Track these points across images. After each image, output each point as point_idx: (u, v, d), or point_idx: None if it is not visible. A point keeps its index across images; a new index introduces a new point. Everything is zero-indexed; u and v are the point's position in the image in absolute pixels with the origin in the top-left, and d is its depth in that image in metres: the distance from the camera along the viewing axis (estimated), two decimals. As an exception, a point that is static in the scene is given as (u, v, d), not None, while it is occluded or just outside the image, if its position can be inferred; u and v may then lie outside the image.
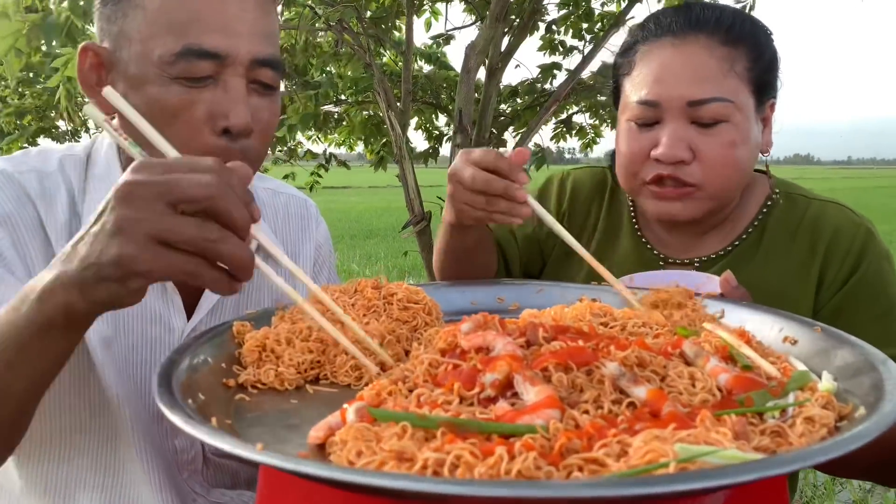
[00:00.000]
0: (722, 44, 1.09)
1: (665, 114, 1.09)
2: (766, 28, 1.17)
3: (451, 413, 0.59)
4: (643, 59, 1.13)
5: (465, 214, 1.07)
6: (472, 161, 1.02)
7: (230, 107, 0.90)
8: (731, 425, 0.57)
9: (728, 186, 1.11)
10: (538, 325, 0.70)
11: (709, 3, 1.17)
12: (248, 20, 0.91)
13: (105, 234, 0.63)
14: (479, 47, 2.89)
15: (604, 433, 0.55)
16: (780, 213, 1.18)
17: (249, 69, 0.92)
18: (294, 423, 0.70)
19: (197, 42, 0.88)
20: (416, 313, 0.92)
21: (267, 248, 0.78)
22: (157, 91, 0.89)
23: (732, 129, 1.07)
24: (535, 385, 0.61)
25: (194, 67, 0.88)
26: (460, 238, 1.21)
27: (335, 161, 4.63)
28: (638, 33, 1.18)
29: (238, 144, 0.92)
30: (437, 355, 0.69)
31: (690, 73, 1.08)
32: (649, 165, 1.11)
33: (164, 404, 0.61)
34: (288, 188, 1.26)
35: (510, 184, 1.00)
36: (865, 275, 1.09)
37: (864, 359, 0.71)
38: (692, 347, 0.70)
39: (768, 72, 1.13)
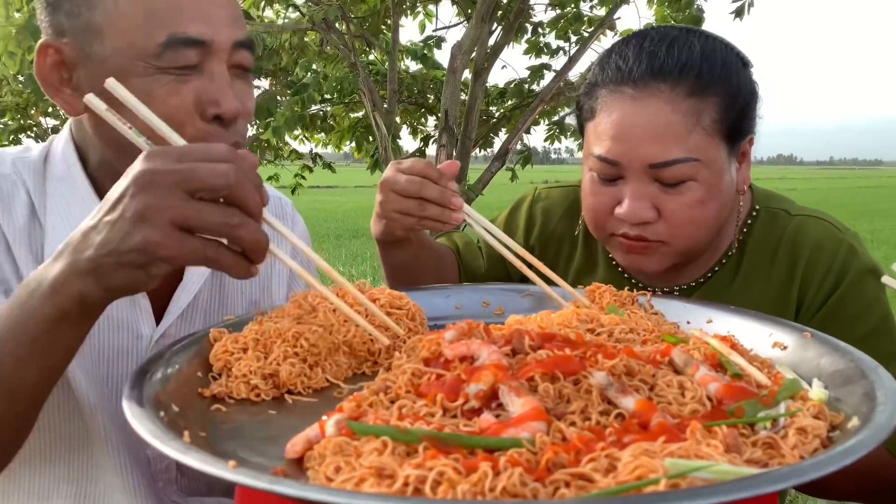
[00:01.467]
0: (687, 95, 0.98)
1: (626, 172, 1.01)
2: (741, 60, 1.06)
3: (433, 426, 0.56)
4: (603, 108, 1.03)
5: (396, 223, 1.06)
6: (402, 170, 1.03)
7: (219, 94, 0.88)
8: (723, 437, 0.55)
9: (696, 242, 1.05)
10: (524, 333, 0.68)
11: (677, 40, 1.02)
12: (223, 5, 0.90)
13: (126, 221, 0.64)
14: (465, 47, 2.88)
15: (592, 447, 0.53)
16: (760, 232, 1.12)
17: (230, 54, 0.90)
18: (272, 434, 0.68)
19: (182, 31, 0.85)
20: (399, 319, 0.90)
21: (277, 228, 0.77)
22: (144, 83, 0.86)
23: (698, 188, 0.99)
24: (521, 396, 0.59)
25: (181, 56, 0.86)
26: (390, 254, 1.19)
27: (320, 162, 4.60)
28: (598, 74, 1.07)
29: (231, 130, 0.91)
30: (420, 365, 0.66)
31: (651, 132, 0.98)
32: (614, 221, 1.05)
33: (133, 417, 0.58)
34: None
35: (444, 189, 1.01)
36: (846, 294, 1.03)
37: (855, 366, 0.70)
38: (681, 355, 0.69)
39: (743, 116, 1.03)
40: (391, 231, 1.11)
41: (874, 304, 1.03)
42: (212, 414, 0.72)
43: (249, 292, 1.11)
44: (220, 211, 0.64)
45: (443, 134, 2.96)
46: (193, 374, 0.78)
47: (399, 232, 1.11)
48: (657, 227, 1.02)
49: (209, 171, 0.64)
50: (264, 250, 0.67)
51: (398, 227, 1.08)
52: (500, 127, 3.82)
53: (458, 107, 2.97)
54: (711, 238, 1.07)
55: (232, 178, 0.64)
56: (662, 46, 1.01)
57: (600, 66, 1.07)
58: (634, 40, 1.06)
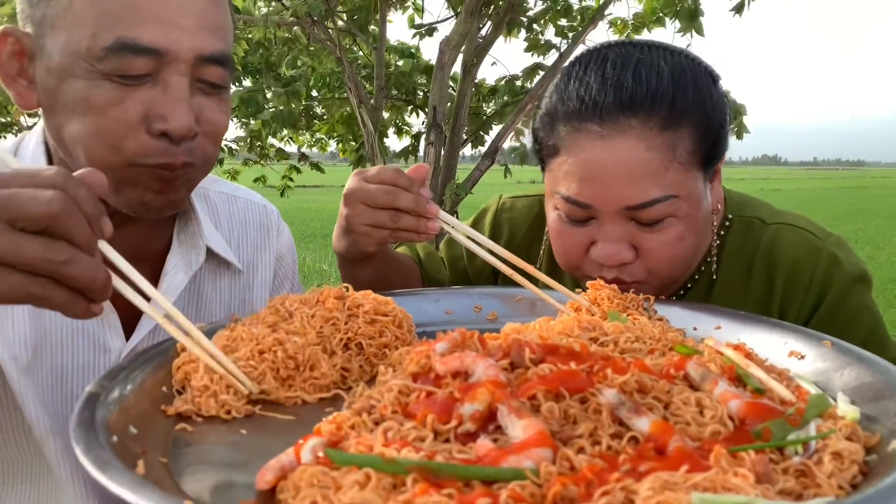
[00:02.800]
0: (661, 129, 0.89)
1: (599, 214, 0.93)
2: (711, 77, 0.97)
3: (423, 453, 0.49)
4: (568, 146, 0.93)
5: (367, 238, 0.96)
6: (369, 179, 0.93)
7: (169, 108, 0.79)
8: (752, 465, 0.49)
9: (673, 276, 0.98)
10: (524, 345, 0.61)
11: (643, 63, 0.92)
12: (192, 11, 0.80)
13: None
14: (453, 42, 2.81)
15: (604, 478, 0.46)
16: (734, 243, 1.04)
17: (195, 67, 0.81)
18: (242, 459, 0.60)
19: (132, 35, 0.77)
20: (385, 327, 0.83)
21: (117, 265, 0.65)
22: (84, 87, 0.78)
23: (678, 223, 0.92)
24: (523, 418, 0.52)
25: (128, 64, 0.77)
26: (354, 271, 1.08)
27: (308, 163, 4.52)
28: (558, 104, 0.95)
29: (182, 147, 0.82)
30: (408, 381, 0.59)
31: (625, 173, 0.89)
32: (589, 264, 0.97)
33: (78, 443, 0.51)
34: (246, 192, 1.15)
35: (419, 197, 0.92)
36: (832, 307, 0.97)
37: (885, 379, 0.64)
38: (698, 369, 0.62)
39: (718, 140, 0.95)
40: (360, 247, 1.00)
41: (863, 313, 0.97)
42: (176, 435, 0.64)
43: (228, 302, 1.05)
44: (42, 245, 0.55)
45: (431, 131, 2.89)
46: (157, 390, 0.70)
47: (370, 247, 0.99)
48: (634, 267, 0.94)
49: (29, 198, 0.54)
50: (102, 288, 0.57)
51: (369, 241, 0.97)
52: (491, 124, 3.77)
53: (447, 103, 2.90)
54: (689, 268, 1.00)
55: (56, 206, 0.54)
56: (628, 72, 0.91)
57: (558, 95, 0.96)
58: (594, 64, 0.95)
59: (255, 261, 1.10)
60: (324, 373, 0.75)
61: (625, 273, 0.94)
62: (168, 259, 0.97)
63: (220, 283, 1.04)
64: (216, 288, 1.04)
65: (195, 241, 0.99)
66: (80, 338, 0.90)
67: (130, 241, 0.94)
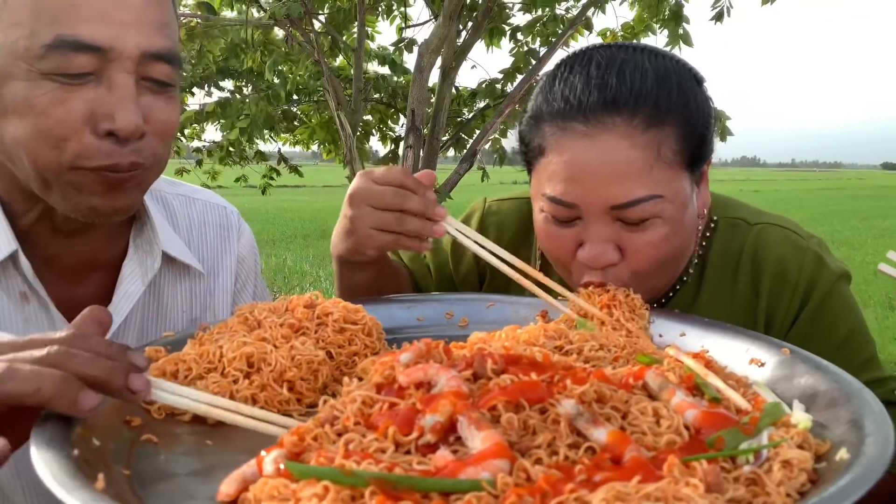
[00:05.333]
0: (645, 127, 0.89)
1: (585, 214, 0.92)
2: (695, 78, 0.97)
3: (383, 465, 0.50)
4: (553, 146, 0.93)
5: (371, 241, 0.95)
6: (377, 180, 0.92)
7: (115, 107, 0.78)
8: (703, 475, 0.50)
9: (658, 279, 0.98)
10: (487, 356, 0.62)
11: (627, 64, 0.93)
12: (134, 7, 0.78)
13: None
14: (432, 46, 2.81)
15: (559, 489, 0.47)
16: (720, 245, 1.05)
17: (140, 64, 0.79)
18: (205, 469, 0.61)
19: (72, 32, 0.75)
20: (354, 335, 0.83)
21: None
22: (24, 88, 0.76)
23: (663, 224, 0.91)
24: (482, 430, 0.53)
25: (69, 62, 0.75)
26: (352, 276, 1.07)
27: (286, 165, 4.50)
28: (543, 105, 0.96)
29: (128, 147, 0.80)
30: (372, 391, 0.60)
31: (610, 171, 0.89)
32: (577, 266, 0.96)
33: (37, 459, 0.51)
34: (205, 193, 1.13)
35: (427, 200, 0.92)
36: (819, 307, 0.98)
37: (839, 388, 0.66)
38: (656, 378, 0.63)
39: (703, 141, 0.95)
40: (363, 250, 0.98)
41: (846, 312, 0.99)
42: (140, 446, 0.64)
43: (190, 307, 1.04)
44: None
45: (409, 134, 2.90)
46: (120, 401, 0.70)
47: (371, 251, 0.98)
48: (619, 270, 0.94)
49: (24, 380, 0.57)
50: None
51: (372, 244, 0.96)
52: (472, 127, 3.78)
53: (426, 106, 2.91)
54: (676, 270, 1.01)
55: (49, 390, 0.57)
56: (612, 72, 0.91)
57: (543, 96, 0.96)
58: (579, 65, 0.95)
59: (216, 264, 1.09)
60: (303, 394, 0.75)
61: (609, 276, 0.94)
62: (124, 266, 0.95)
63: (180, 287, 1.03)
64: (177, 293, 1.03)
65: (150, 247, 0.97)
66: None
67: (86, 248, 0.93)
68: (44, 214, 0.88)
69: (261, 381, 0.72)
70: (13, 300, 0.88)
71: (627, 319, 0.90)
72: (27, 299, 0.88)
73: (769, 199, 23.91)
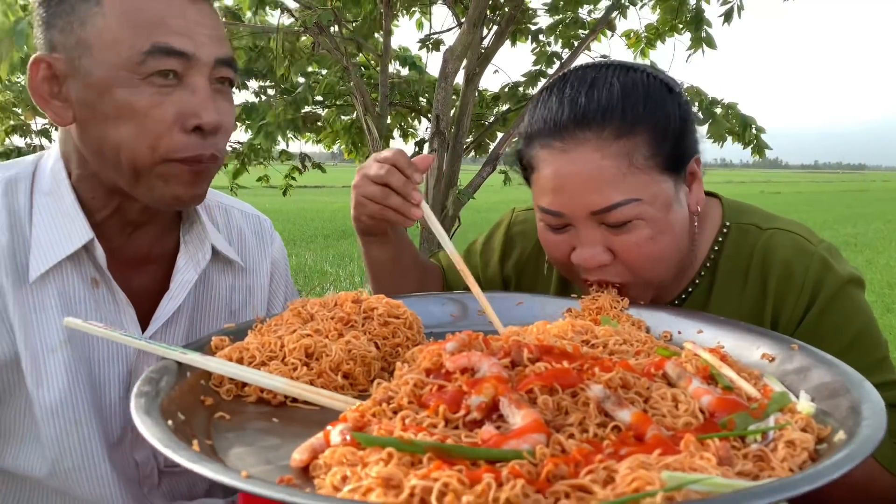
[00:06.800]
0: (615, 138, 0.97)
1: (572, 221, 1.01)
2: (667, 86, 1.04)
3: (436, 436, 0.58)
4: (539, 162, 1.03)
5: (361, 208, 1.11)
6: (377, 158, 1.09)
7: (199, 106, 0.92)
8: (715, 450, 0.57)
9: (658, 274, 1.04)
10: (523, 346, 0.70)
11: (596, 83, 1.01)
12: (207, 25, 0.94)
13: None
14: (457, 52, 2.89)
15: (590, 459, 0.55)
16: (731, 249, 1.11)
17: (213, 69, 0.94)
18: (275, 443, 0.69)
19: (164, 40, 0.90)
20: (397, 328, 0.92)
21: None
22: (127, 93, 0.90)
23: (645, 225, 0.99)
24: (521, 408, 0.60)
25: (163, 63, 0.90)
26: (370, 248, 1.22)
27: (310, 163, 4.60)
28: (530, 125, 1.06)
29: (209, 141, 0.94)
30: (422, 375, 0.68)
31: (585, 181, 0.98)
32: (575, 269, 1.05)
33: (143, 426, 0.60)
34: (240, 205, 1.25)
35: (408, 181, 1.06)
36: (824, 308, 1.02)
37: (841, 379, 0.72)
38: (675, 368, 0.71)
39: (679, 144, 1.02)
40: (358, 216, 1.14)
41: (854, 315, 1.02)
42: (216, 422, 0.73)
43: (230, 299, 1.15)
44: None
45: (434, 138, 2.98)
46: (196, 383, 0.79)
47: (364, 217, 1.13)
48: (616, 267, 1.02)
49: None
50: None
51: (363, 211, 1.11)
52: (494, 130, 3.85)
53: (450, 111, 2.99)
54: (676, 264, 1.07)
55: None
56: (582, 91, 1.01)
57: (530, 118, 1.07)
58: (557, 87, 1.05)
59: (254, 266, 1.20)
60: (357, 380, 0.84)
61: (608, 274, 1.03)
62: (178, 258, 1.07)
63: (224, 280, 1.14)
64: (221, 285, 1.14)
65: (201, 242, 1.09)
66: None
67: (142, 244, 1.05)
68: (116, 210, 1.01)
69: (318, 368, 0.81)
70: (86, 284, 0.99)
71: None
72: (97, 285, 1.00)
73: (791, 202, 23.69)
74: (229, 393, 0.80)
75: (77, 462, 0.97)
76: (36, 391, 0.95)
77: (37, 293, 0.96)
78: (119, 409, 1.02)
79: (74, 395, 0.96)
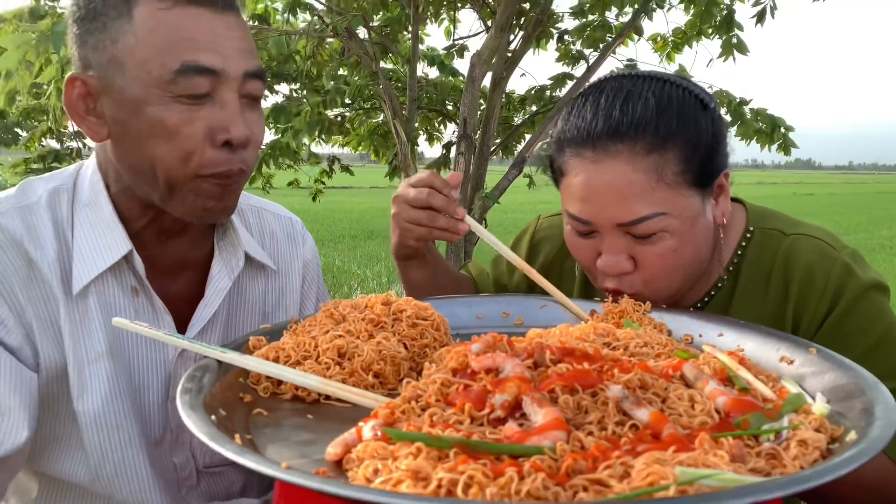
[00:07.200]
0: (647, 153, 0.99)
1: (599, 229, 1.05)
2: (701, 103, 1.05)
3: (462, 433, 0.62)
4: (570, 168, 1.05)
5: (408, 233, 1.15)
6: (412, 183, 1.12)
7: (230, 121, 0.94)
8: (729, 448, 0.60)
9: (672, 285, 1.07)
10: (545, 348, 0.73)
11: (632, 95, 1.03)
12: (234, 38, 0.95)
13: None
14: (484, 56, 2.93)
15: (608, 455, 0.58)
16: (754, 254, 1.13)
17: (242, 83, 0.96)
18: (310, 438, 0.73)
19: (193, 58, 0.92)
20: (425, 330, 0.95)
21: None
22: (159, 111, 0.92)
23: (670, 237, 1.01)
24: (543, 407, 0.64)
25: (193, 83, 0.92)
26: (407, 271, 1.25)
27: (339, 165, 4.66)
28: (563, 131, 1.08)
29: (238, 156, 0.97)
30: (449, 375, 0.72)
31: (615, 193, 1.00)
32: (599, 272, 1.08)
33: (189, 420, 0.64)
34: (272, 206, 1.28)
35: (449, 200, 1.10)
36: (845, 313, 1.03)
37: (856, 382, 0.74)
38: (692, 370, 0.73)
39: (709, 161, 1.03)
40: (403, 241, 1.18)
41: (876, 320, 1.03)
42: (254, 418, 0.78)
43: (263, 302, 1.18)
44: None
45: (461, 142, 3.02)
46: (235, 381, 0.83)
47: (411, 242, 1.17)
48: (633, 278, 1.05)
49: None
50: None
51: (410, 237, 1.16)
52: (522, 132, 3.88)
53: (477, 115, 3.02)
54: (693, 275, 1.09)
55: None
56: (617, 104, 1.02)
57: (563, 122, 1.09)
58: (592, 96, 1.07)
59: (286, 268, 1.22)
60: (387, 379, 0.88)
61: (624, 284, 1.06)
62: (213, 266, 1.10)
63: (257, 284, 1.17)
64: (254, 289, 1.17)
65: (235, 249, 1.12)
66: (142, 338, 1.03)
67: (177, 251, 1.08)
68: (152, 221, 1.04)
69: (350, 367, 0.85)
70: (126, 294, 1.02)
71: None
72: (137, 294, 1.03)
73: (824, 203, 23.26)
74: (266, 391, 0.84)
75: (118, 467, 1.01)
76: (78, 401, 0.98)
77: (80, 304, 0.98)
78: (158, 414, 1.05)
79: (115, 402, 1.00)
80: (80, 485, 1.02)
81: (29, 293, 0.96)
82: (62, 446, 1.02)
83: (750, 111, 3.86)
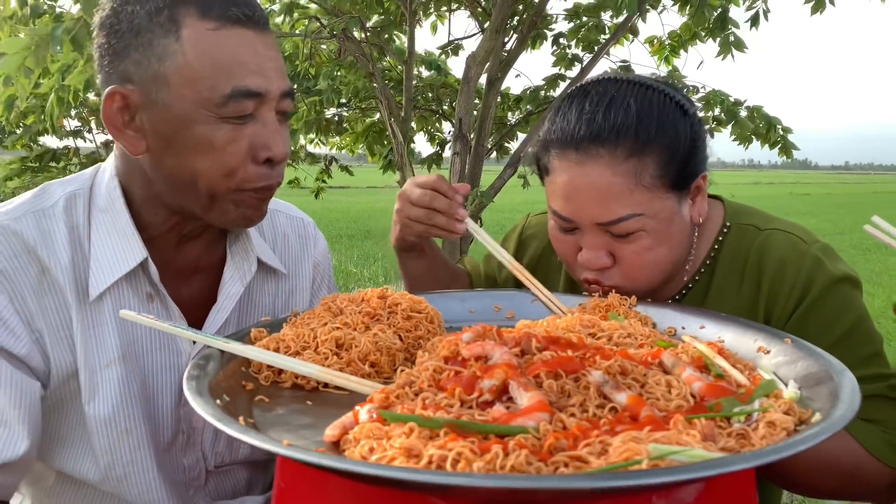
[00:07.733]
0: (626, 157, 1.04)
1: (580, 226, 1.10)
2: (681, 109, 1.09)
3: (452, 415, 0.66)
4: (554, 168, 1.11)
5: (408, 229, 1.22)
6: (418, 183, 1.19)
7: (271, 139, 0.98)
8: (701, 428, 0.64)
9: (650, 280, 1.12)
10: (532, 336, 0.77)
11: (614, 101, 1.07)
12: (273, 58, 0.98)
13: None
14: (479, 58, 2.97)
15: (588, 434, 0.62)
16: (729, 248, 1.17)
17: (278, 102, 0.99)
18: (309, 422, 0.77)
19: (243, 83, 0.94)
20: (420, 322, 1.00)
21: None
22: (207, 130, 0.94)
23: (647, 236, 1.07)
24: (528, 391, 0.68)
25: (242, 107, 0.95)
26: (406, 262, 1.33)
27: (337, 165, 4.70)
28: (549, 132, 1.13)
29: (276, 171, 1.01)
30: (441, 362, 0.76)
31: (595, 194, 1.05)
32: (578, 266, 1.14)
33: (196, 404, 0.68)
34: (285, 207, 1.30)
35: (452, 202, 1.17)
36: (813, 305, 1.07)
37: (825, 369, 0.79)
38: (670, 358, 0.78)
39: (686, 165, 1.08)
40: (403, 235, 1.26)
41: (844, 311, 1.07)
42: (256, 404, 0.82)
43: (273, 304, 1.21)
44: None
45: (457, 141, 3.06)
46: (237, 370, 0.87)
47: (410, 237, 1.25)
48: (612, 273, 1.11)
49: None
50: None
51: (410, 232, 1.23)
52: (516, 132, 3.93)
53: (472, 115, 3.07)
54: (670, 271, 1.14)
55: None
56: (600, 109, 1.07)
57: (550, 124, 1.14)
58: (577, 99, 1.11)
59: (297, 268, 1.25)
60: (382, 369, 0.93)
61: (604, 277, 1.12)
62: (225, 271, 1.12)
63: (267, 287, 1.20)
64: (265, 292, 1.20)
65: (247, 254, 1.14)
66: (157, 344, 1.06)
67: (191, 256, 1.11)
68: (174, 227, 1.06)
69: (348, 357, 0.89)
70: (141, 300, 1.04)
71: None
72: (152, 299, 1.05)
73: (820, 203, 23.33)
74: (267, 379, 0.88)
75: (128, 469, 1.03)
76: (88, 404, 1.00)
77: (95, 310, 1.00)
78: (171, 418, 1.07)
79: (126, 406, 1.02)
80: (91, 483, 1.05)
81: (40, 300, 0.97)
82: (72, 447, 1.04)
83: (746, 109, 3.90)
